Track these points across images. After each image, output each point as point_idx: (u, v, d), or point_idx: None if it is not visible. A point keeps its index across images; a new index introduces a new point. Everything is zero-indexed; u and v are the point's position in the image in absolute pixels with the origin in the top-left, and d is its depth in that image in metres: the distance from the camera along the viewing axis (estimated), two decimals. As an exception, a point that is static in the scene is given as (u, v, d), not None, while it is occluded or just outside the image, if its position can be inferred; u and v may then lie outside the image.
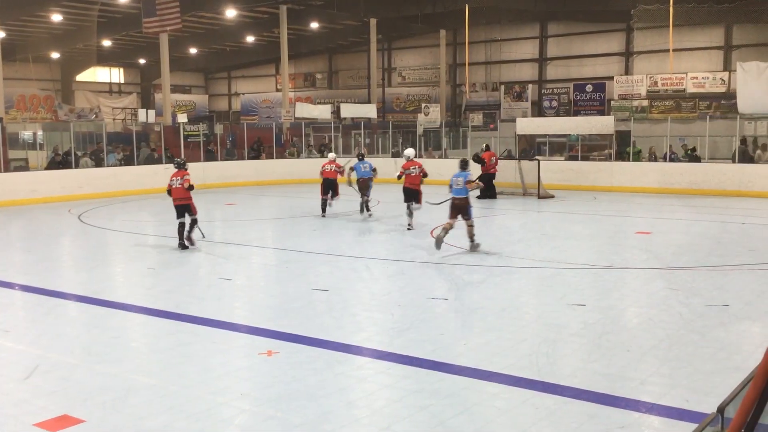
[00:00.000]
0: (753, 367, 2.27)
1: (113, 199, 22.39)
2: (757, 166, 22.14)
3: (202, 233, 13.73)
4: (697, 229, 15.38)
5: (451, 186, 12.77)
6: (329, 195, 17.75)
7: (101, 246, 14.69)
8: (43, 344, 7.52)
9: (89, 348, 7.37)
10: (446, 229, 12.59)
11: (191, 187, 13.19)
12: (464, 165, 13.15)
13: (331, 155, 19.52)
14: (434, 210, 16.81)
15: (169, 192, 13.41)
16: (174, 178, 13.34)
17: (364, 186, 17.73)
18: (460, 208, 12.57)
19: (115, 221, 17.51)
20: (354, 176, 17.93)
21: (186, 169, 13.51)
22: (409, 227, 15.28)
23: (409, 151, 16.60)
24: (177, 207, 13.30)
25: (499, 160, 22.47)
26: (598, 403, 5.70)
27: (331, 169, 17.87)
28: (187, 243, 13.25)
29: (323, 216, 17.70)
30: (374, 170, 18.03)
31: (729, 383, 5.85)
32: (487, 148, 22.59)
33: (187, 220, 13.22)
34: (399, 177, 15.48)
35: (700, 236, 14.38)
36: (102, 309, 9.01)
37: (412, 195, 15.27)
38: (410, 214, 15.33)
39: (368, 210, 17.69)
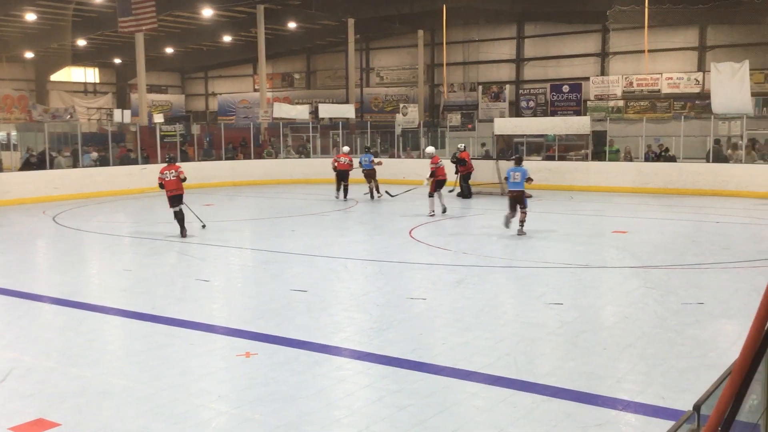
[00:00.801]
0: (728, 364, 2.29)
1: (88, 200, 22.17)
2: (730, 165, 22.43)
3: (203, 223, 15.37)
4: (673, 228, 15.54)
5: (507, 179, 14.42)
6: (344, 183, 21.17)
7: (76, 247, 14.54)
8: (17, 347, 7.43)
9: (65, 351, 7.29)
10: (508, 218, 14.27)
11: (185, 179, 14.71)
12: (519, 161, 14.88)
13: (345, 149, 22.58)
14: (413, 215, 16.80)
15: (161, 185, 14.65)
16: (166, 172, 14.67)
17: (368, 174, 21.06)
18: (517, 200, 14.13)
19: (90, 222, 17.34)
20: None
21: (176, 163, 15.15)
22: (432, 213, 17.33)
23: (431, 149, 18.64)
24: (171, 198, 14.60)
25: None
26: (575, 401, 5.74)
27: (345, 162, 21.18)
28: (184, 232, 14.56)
29: (345, 200, 21.08)
30: (372, 161, 21.25)
31: (705, 380, 5.91)
32: (464, 148, 22.80)
33: (178, 209, 14.61)
34: (431, 174, 17.32)
35: (675, 235, 14.53)
36: (78, 311, 8.92)
37: (442, 184, 17.57)
38: (440, 202, 17.65)
39: (372, 195, 21.18)
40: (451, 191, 22.27)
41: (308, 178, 28.31)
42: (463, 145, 23.47)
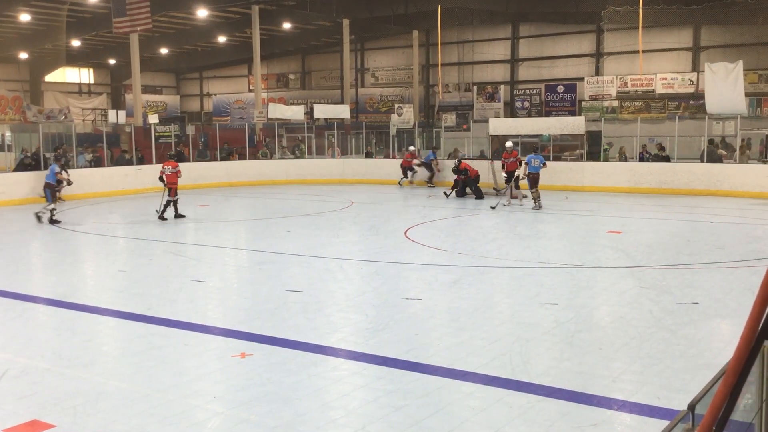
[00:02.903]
0: (723, 364, 2.30)
1: (83, 200, 22.11)
2: (724, 165, 22.48)
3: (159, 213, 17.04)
4: (667, 228, 15.57)
5: (528, 164, 18.63)
6: (409, 174, 26.14)
7: (71, 248, 14.51)
8: (12, 348, 7.41)
9: (59, 352, 7.27)
10: (536, 197, 18.44)
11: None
12: (536, 149, 20.04)
13: (412, 148, 27.05)
14: (409, 215, 16.78)
15: (161, 178, 17.09)
16: (166, 167, 17.16)
17: (425, 165, 25.96)
18: (535, 180, 18.48)
19: (85, 223, 17.30)
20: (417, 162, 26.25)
21: (176, 160, 17.98)
22: (506, 203, 19.55)
23: (510, 144, 20.42)
24: (170, 190, 17.12)
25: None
26: (570, 401, 5.75)
27: (406, 159, 26.27)
28: (165, 216, 16.96)
29: (407, 183, 26.13)
30: (432, 160, 25.78)
31: (699, 380, 5.94)
32: (463, 157, 22.87)
33: (164, 199, 17.04)
34: (503, 166, 20.09)
35: (670, 235, 14.57)
36: (72, 312, 8.90)
37: (511, 175, 19.73)
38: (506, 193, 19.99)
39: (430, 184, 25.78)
40: (449, 194, 22.27)
41: (303, 178, 28.30)
42: (458, 159, 23.47)
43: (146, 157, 25.71)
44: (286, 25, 37.98)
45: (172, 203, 17.09)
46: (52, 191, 17.08)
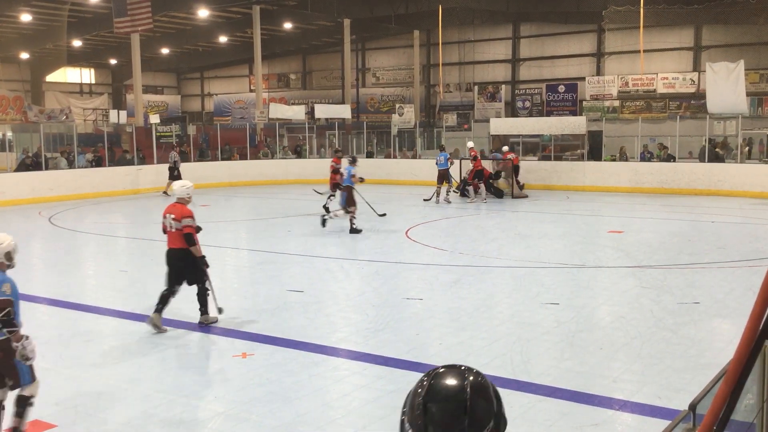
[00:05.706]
0: (724, 364, 2.29)
1: (84, 200, 22.11)
2: (726, 165, 22.46)
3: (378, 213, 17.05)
4: (668, 228, 15.55)
5: (437, 162, 20.29)
6: None
7: (72, 248, 14.50)
8: (12, 348, 7.40)
9: (60, 352, 7.27)
10: (438, 191, 20.21)
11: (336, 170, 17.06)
12: (443, 149, 21.31)
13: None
14: (410, 215, 16.77)
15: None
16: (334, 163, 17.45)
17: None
18: (442, 176, 20.10)
19: (86, 223, 17.30)
20: None
21: (336, 157, 18.20)
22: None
23: (470, 143, 21.72)
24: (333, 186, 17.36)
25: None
26: (571, 400, 5.74)
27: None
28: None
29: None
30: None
31: (700, 380, 5.92)
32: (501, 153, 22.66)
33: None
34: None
35: (671, 235, 14.55)
36: (73, 312, 8.91)
37: (481, 175, 20.83)
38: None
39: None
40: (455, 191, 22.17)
41: (304, 178, 28.28)
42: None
43: (147, 157, 25.71)
44: (287, 25, 37.95)
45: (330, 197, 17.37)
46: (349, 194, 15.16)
